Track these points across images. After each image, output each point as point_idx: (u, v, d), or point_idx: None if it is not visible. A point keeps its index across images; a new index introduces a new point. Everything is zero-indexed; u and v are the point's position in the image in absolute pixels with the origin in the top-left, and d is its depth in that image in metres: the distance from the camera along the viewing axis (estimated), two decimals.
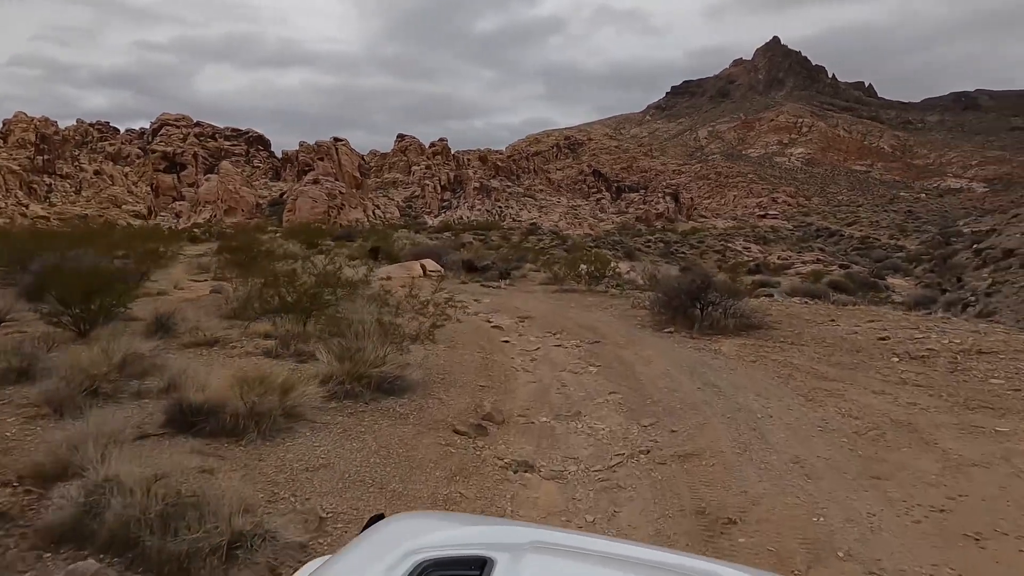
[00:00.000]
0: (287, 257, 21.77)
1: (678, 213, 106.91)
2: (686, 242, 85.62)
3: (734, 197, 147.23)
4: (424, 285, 21.23)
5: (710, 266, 78.04)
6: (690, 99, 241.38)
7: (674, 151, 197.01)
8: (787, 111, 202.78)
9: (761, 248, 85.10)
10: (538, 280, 24.26)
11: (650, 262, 70.10)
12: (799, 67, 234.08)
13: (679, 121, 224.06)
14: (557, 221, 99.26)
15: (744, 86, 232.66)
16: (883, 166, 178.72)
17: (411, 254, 27.23)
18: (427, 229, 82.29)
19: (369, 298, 14.16)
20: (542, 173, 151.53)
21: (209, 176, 73.65)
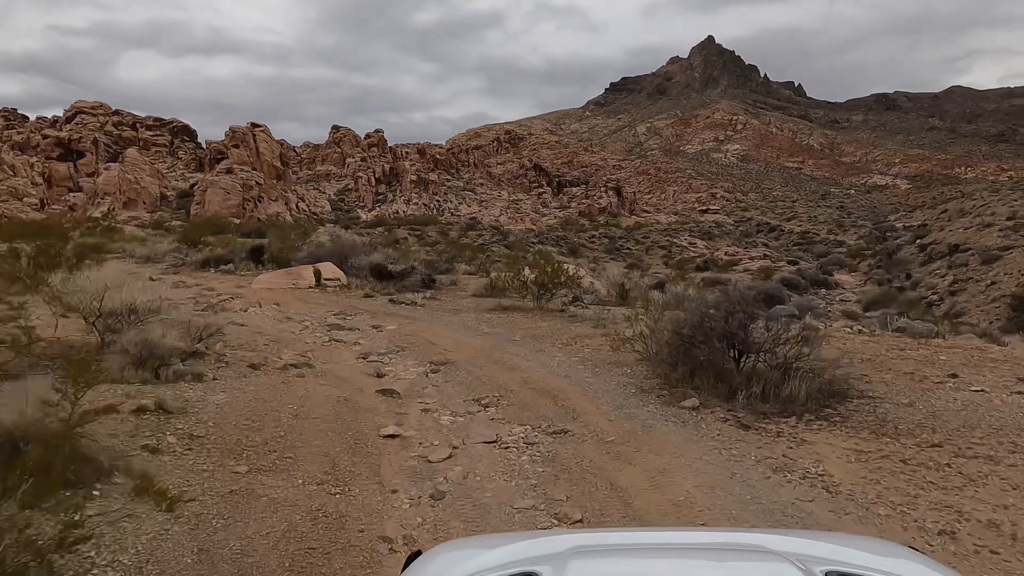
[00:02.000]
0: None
1: (621, 208, 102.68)
2: (631, 237, 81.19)
3: (674, 192, 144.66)
4: (306, 301, 15.01)
5: (656, 262, 73.76)
6: (628, 95, 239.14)
7: (614, 147, 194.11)
8: (722, 109, 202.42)
9: (707, 244, 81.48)
10: (471, 289, 18.34)
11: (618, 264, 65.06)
12: (733, 66, 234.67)
13: (618, 117, 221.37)
14: (498, 216, 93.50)
15: (681, 84, 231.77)
16: (814, 163, 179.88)
17: (311, 256, 20.87)
18: (359, 224, 75.28)
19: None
20: (482, 167, 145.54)
21: (110, 165, 64.69)
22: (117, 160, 69.37)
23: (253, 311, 13.60)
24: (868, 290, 46.08)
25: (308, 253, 21.71)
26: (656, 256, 76.05)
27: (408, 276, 19.00)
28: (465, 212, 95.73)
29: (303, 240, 35.29)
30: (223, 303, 14.42)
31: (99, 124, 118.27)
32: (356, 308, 14.46)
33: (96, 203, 62.20)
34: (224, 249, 22.21)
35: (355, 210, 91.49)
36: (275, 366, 8.44)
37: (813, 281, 49.99)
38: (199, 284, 17.12)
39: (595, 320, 12.55)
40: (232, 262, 19.37)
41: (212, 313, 12.82)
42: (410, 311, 14.21)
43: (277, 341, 10.42)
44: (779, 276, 50.87)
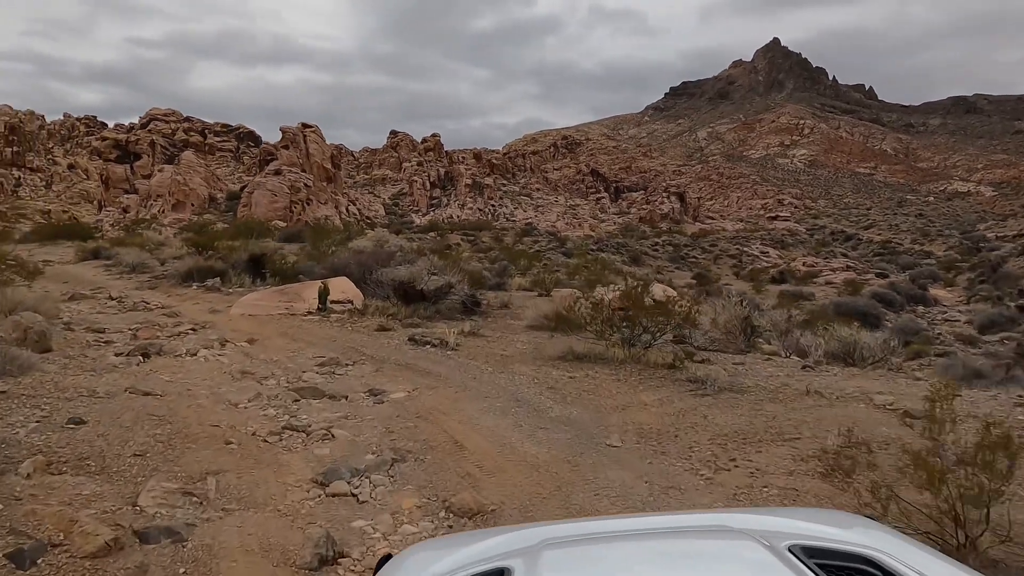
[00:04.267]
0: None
1: (684, 214, 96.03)
2: (697, 245, 74.69)
3: (738, 199, 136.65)
4: (293, 338, 10.26)
5: (726, 272, 67.19)
6: (689, 100, 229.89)
7: (673, 152, 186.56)
8: (788, 113, 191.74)
9: (780, 253, 74.25)
10: (529, 316, 13.35)
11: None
12: (799, 69, 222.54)
13: (678, 122, 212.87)
14: (555, 221, 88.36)
15: (744, 87, 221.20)
16: (887, 169, 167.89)
17: (331, 268, 16.26)
18: (411, 228, 71.34)
19: None
20: (539, 172, 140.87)
21: (164, 167, 62.61)
22: (173, 162, 67.45)
23: (205, 355, 8.91)
24: (978, 309, 39.12)
25: (328, 264, 17.14)
26: (725, 266, 69.41)
27: (445, 296, 14.14)
28: (521, 217, 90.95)
29: (341, 245, 31.09)
30: (173, 338, 9.83)
31: (171, 130, 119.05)
32: (359, 351, 9.63)
33: (148, 205, 60.09)
34: (231, 256, 17.87)
35: (409, 214, 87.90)
36: (83, 549, 3.60)
37: (908, 297, 43.18)
38: (166, 305, 12.68)
39: (743, 390, 7.36)
40: (224, 275, 14.92)
41: (132, 360, 8.23)
42: (436, 360, 9.28)
43: (181, 435, 5.64)
44: (869, 291, 44.26)
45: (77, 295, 12.97)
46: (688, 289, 41.16)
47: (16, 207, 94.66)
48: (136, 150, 68.74)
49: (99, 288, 14.42)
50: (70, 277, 16.45)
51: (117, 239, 25.89)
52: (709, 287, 43.77)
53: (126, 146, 68.81)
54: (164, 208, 55.29)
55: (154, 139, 72.63)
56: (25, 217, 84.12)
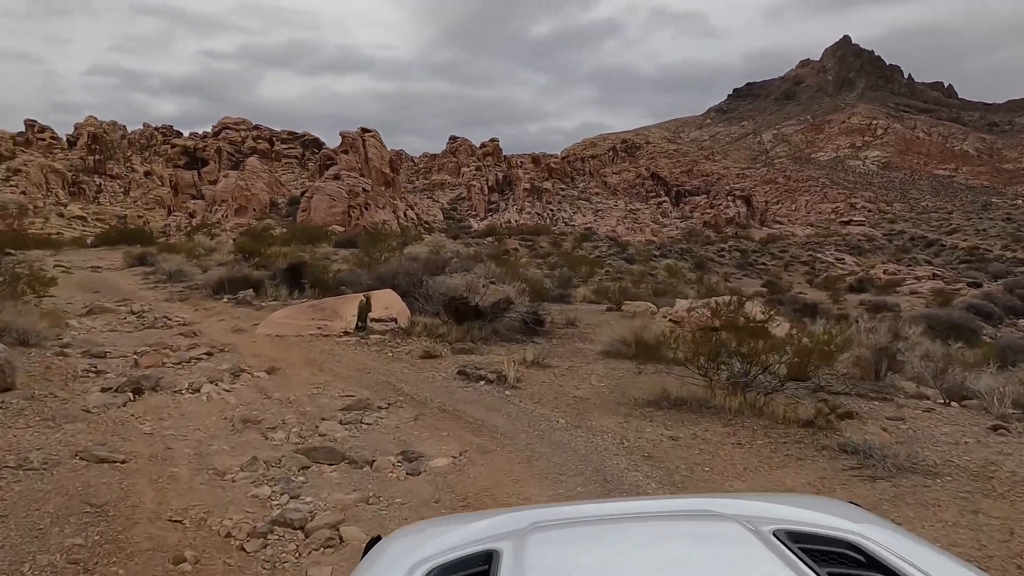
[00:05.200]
0: None
1: (750, 218, 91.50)
2: (766, 251, 70.52)
3: (806, 202, 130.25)
4: (321, 367, 8.41)
5: (798, 280, 62.98)
6: (753, 102, 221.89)
7: (737, 155, 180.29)
8: (860, 113, 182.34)
9: (857, 260, 69.32)
10: (602, 341, 11.19)
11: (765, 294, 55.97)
12: (872, 67, 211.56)
13: (742, 124, 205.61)
14: (614, 226, 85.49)
15: (812, 87, 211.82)
16: (969, 170, 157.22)
17: (376, 278, 14.49)
18: (469, 233, 69.90)
19: None
20: (598, 176, 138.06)
21: (228, 173, 63.09)
22: (239, 168, 68.12)
23: (209, 392, 7.13)
24: None
25: (375, 273, 15.38)
26: (797, 273, 65.09)
27: (503, 313, 12.11)
28: (580, 222, 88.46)
29: (395, 251, 29.54)
30: (180, 366, 8.11)
31: (241, 138, 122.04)
32: (396, 388, 7.69)
33: (213, 210, 60.60)
34: (274, 263, 16.35)
35: (467, 219, 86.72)
36: None
37: (1007, 309, 38.80)
38: (189, 321, 11.08)
39: (932, 471, 5.01)
40: (259, 286, 13.30)
41: (118, 399, 6.51)
42: (492, 403, 7.22)
43: (113, 545, 3.76)
44: (962, 302, 40.01)
45: (96, 308, 11.59)
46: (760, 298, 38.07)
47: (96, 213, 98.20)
48: (203, 156, 69.78)
49: (126, 299, 13.06)
50: (103, 286, 15.27)
51: (168, 245, 25.04)
52: (781, 296, 40.50)
53: (194, 153, 69.94)
54: (227, 213, 55.48)
55: (220, 146, 73.67)
56: (103, 222, 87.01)
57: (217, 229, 50.59)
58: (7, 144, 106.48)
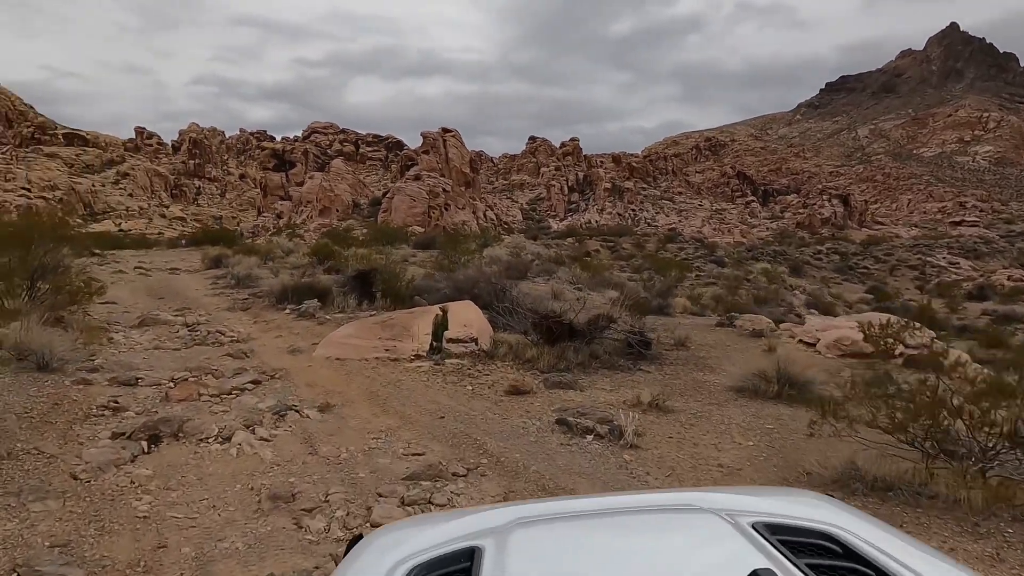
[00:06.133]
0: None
1: (848, 219, 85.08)
2: (868, 254, 64.87)
3: (908, 202, 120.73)
4: (383, 406, 6.60)
5: (906, 286, 57.33)
6: (848, 96, 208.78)
7: (829, 151, 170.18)
8: (968, 105, 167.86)
9: (973, 264, 62.70)
10: (727, 367, 8.96)
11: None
12: (982, 55, 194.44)
13: (835, 119, 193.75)
14: (700, 227, 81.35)
15: (914, 79, 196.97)
16: None
17: (454, 287, 12.74)
18: (548, 234, 67.94)
19: None
20: (680, 175, 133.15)
21: (314, 175, 63.78)
22: (324, 170, 68.91)
23: (242, 442, 5.49)
24: None
25: (453, 280, 13.64)
26: (904, 278, 59.33)
27: (602, 332, 10.02)
28: (663, 222, 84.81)
29: (475, 253, 27.98)
30: (217, 401, 6.54)
31: (328, 142, 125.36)
32: (478, 442, 5.79)
33: (299, 211, 61.33)
34: (346, 266, 14.92)
35: (546, 219, 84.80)
36: None
37: None
38: (244, 338, 9.62)
39: None
40: (326, 295, 11.78)
41: (126, 452, 4.91)
42: (607, 474, 5.19)
43: None
44: None
45: (149, 319, 10.38)
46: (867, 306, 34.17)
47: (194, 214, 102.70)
48: (291, 159, 71.09)
49: (184, 308, 11.88)
50: (170, 291, 14.30)
51: (246, 247, 24.41)
52: (889, 303, 36.32)
53: (283, 156, 71.38)
54: (312, 214, 55.83)
55: (307, 148, 74.90)
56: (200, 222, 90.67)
57: (301, 230, 50.87)
58: (118, 150, 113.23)
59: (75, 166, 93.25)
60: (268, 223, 61.35)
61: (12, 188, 75.30)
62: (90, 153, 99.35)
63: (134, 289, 14.94)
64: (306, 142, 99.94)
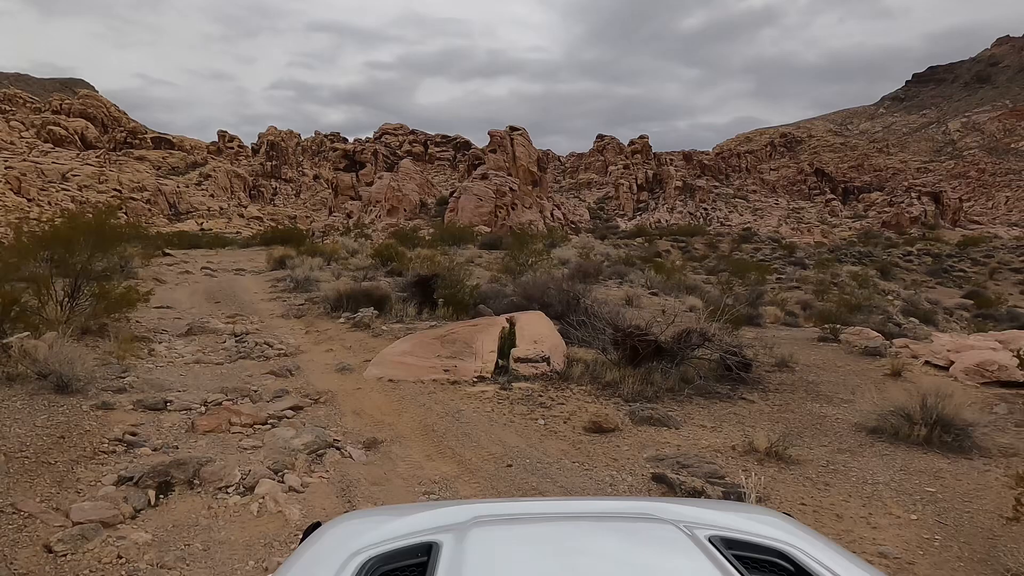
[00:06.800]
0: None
1: (940, 218, 79.06)
2: (965, 256, 59.70)
3: (1007, 199, 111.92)
4: (439, 446, 5.38)
5: (1010, 291, 52.52)
6: (936, 87, 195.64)
7: (916, 146, 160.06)
8: None
9: None
10: (854, 400, 7.35)
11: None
12: None
13: (922, 113, 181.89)
14: (776, 226, 77.38)
15: (1012, 67, 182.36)
16: None
17: (522, 293, 11.51)
18: (617, 234, 65.96)
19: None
20: (755, 173, 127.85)
21: (383, 174, 64.03)
22: (393, 170, 69.22)
23: (265, 497, 4.40)
24: None
25: (520, 287, 12.42)
26: (1007, 282, 54.08)
27: (692, 350, 8.57)
28: (737, 221, 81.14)
29: (542, 254, 26.74)
30: (250, 433, 5.53)
31: (398, 143, 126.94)
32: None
33: (368, 210, 61.70)
34: (408, 268, 13.96)
35: (614, 219, 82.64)
36: None
37: None
38: (292, 351, 8.69)
39: None
40: (384, 302, 10.76)
41: (126, 504, 3.86)
42: None
43: None
44: None
45: (196, 328, 9.63)
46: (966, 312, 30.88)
47: (270, 213, 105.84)
48: (361, 159, 71.81)
49: (237, 315, 11.15)
50: (228, 295, 13.69)
51: (312, 247, 23.99)
52: (992, 310, 32.73)
53: (353, 156, 72.24)
54: (380, 213, 55.91)
55: (377, 148, 75.48)
56: (276, 222, 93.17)
57: (369, 229, 50.93)
58: (202, 153, 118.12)
59: (162, 168, 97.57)
60: (338, 222, 61.98)
61: (105, 189, 79.27)
62: (176, 156, 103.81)
63: (194, 292, 14.45)
64: (376, 143, 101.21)
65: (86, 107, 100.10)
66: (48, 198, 70.38)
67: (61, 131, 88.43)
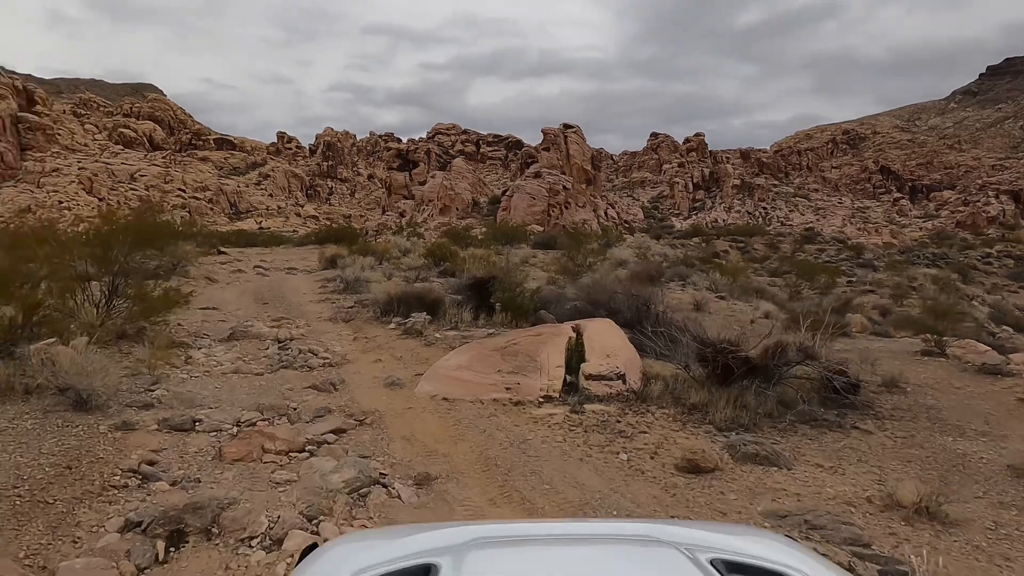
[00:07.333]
0: None
1: (1020, 217, 73.90)
2: None
3: None
4: (504, 487, 4.35)
5: None
6: (1014, 79, 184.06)
7: (991, 143, 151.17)
8: None
9: None
10: (1007, 446, 6.01)
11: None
12: None
13: (998, 107, 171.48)
14: (841, 226, 73.81)
15: None
16: None
17: (586, 297, 10.47)
18: (672, 233, 63.93)
19: None
20: (816, 171, 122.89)
21: (436, 173, 63.79)
22: (445, 169, 68.96)
23: (301, 547, 3.46)
24: None
25: (583, 289, 11.39)
26: None
27: (788, 368, 7.37)
28: (798, 221, 77.78)
29: (599, 254, 25.58)
30: (284, 461, 4.66)
31: (451, 142, 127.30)
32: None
33: (421, 209, 61.56)
34: (462, 268, 13.12)
35: (669, 218, 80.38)
36: None
37: None
38: (338, 361, 7.89)
39: None
40: (436, 307, 9.90)
41: (141, 554, 2.94)
42: None
43: None
44: None
45: (239, 332, 8.97)
46: None
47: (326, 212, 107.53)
48: (414, 159, 71.89)
49: (283, 318, 10.48)
50: (277, 295, 13.11)
51: (364, 246, 23.48)
52: None
53: (407, 155, 72.41)
54: (432, 212, 55.58)
55: (430, 147, 75.42)
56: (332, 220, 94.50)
57: (422, 228, 50.63)
58: (262, 154, 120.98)
59: (223, 168, 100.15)
60: (391, 221, 62.04)
61: (170, 189, 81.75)
62: (237, 156, 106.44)
63: (243, 291, 13.95)
64: (429, 142, 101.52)
65: (154, 110, 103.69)
66: (117, 197, 72.93)
67: (131, 133, 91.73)
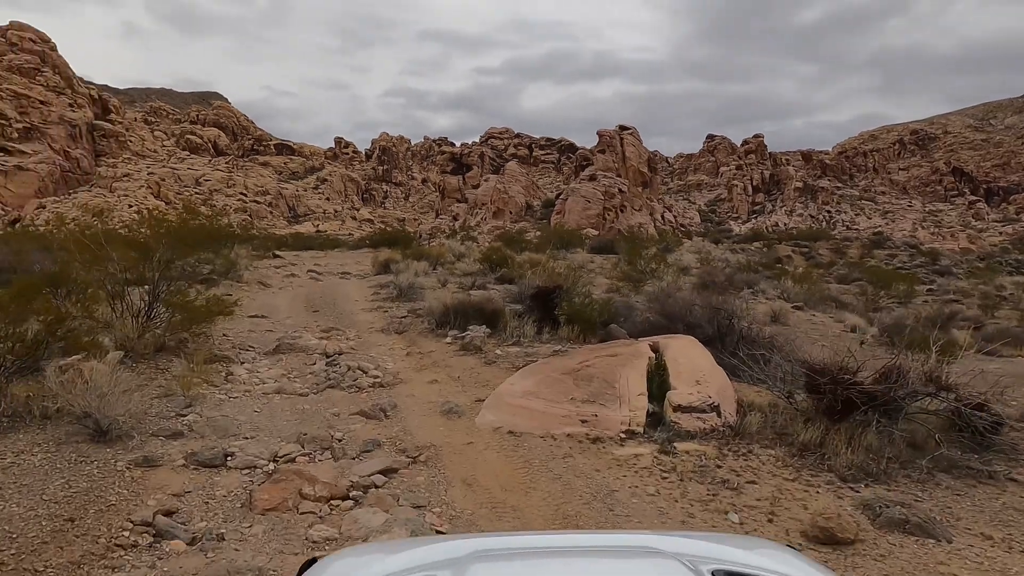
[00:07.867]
0: None
1: None
2: None
3: None
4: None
5: None
6: None
7: None
8: None
9: None
10: None
11: None
12: None
13: None
14: (912, 231, 69.78)
15: None
16: None
17: (661, 309, 9.40)
18: (731, 238, 61.62)
19: None
20: (882, 173, 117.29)
21: (489, 177, 63.27)
22: (499, 173, 68.42)
23: None
24: None
25: (654, 300, 10.32)
26: None
27: (912, 399, 6.16)
28: (865, 225, 73.96)
29: (666, 262, 24.17)
30: (324, 514, 3.77)
31: (504, 146, 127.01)
32: None
33: (474, 213, 61.13)
34: (524, 277, 12.23)
35: (727, 222, 77.72)
36: None
37: None
38: (390, 381, 7.08)
39: None
40: (496, 318, 9.01)
41: None
42: None
43: None
44: None
45: (285, 345, 8.31)
46: None
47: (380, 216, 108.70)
48: (468, 162, 71.67)
49: (333, 329, 9.79)
50: (328, 302, 12.49)
51: (418, 250, 22.89)
52: None
53: (460, 159, 72.29)
54: (486, 216, 55.02)
55: (483, 151, 75.06)
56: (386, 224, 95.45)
57: (475, 232, 50.11)
58: (319, 158, 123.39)
59: (283, 173, 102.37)
60: (444, 225, 61.81)
61: (232, 193, 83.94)
62: (295, 161, 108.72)
63: (295, 297, 13.42)
64: (483, 146, 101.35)
65: (219, 117, 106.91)
66: (182, 201, 75.24)
67: (197, 140, 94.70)
